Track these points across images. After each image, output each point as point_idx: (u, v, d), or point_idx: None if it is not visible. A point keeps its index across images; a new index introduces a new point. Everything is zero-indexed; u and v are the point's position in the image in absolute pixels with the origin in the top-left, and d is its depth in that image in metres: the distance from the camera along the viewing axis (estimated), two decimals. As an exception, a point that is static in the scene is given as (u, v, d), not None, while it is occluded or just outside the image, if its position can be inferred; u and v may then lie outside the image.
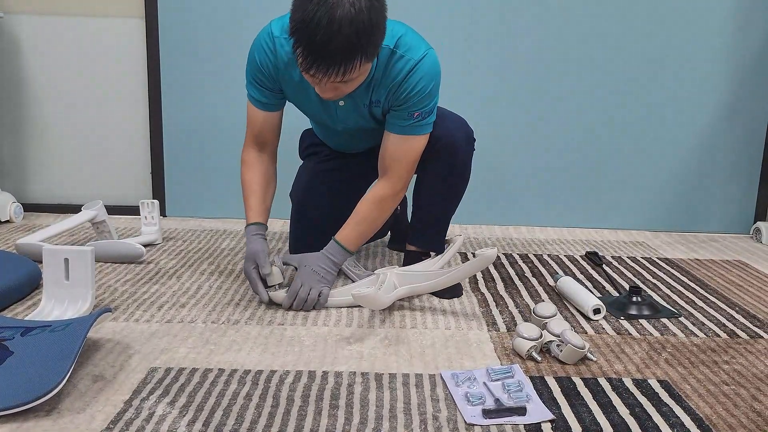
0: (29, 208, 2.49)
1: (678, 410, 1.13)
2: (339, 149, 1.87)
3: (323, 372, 1.23)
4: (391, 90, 1.52)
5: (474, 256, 1.53)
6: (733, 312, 1.63)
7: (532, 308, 1.52)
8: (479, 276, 1.86)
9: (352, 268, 1.75)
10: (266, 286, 1.58)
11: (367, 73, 1.45)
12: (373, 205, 1.62)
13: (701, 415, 1.12)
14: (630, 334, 1.47)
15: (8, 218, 2.34)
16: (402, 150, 1.58)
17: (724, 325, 1.55)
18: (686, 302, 1.70)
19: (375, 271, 1.61)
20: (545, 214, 2.50)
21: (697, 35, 2.38)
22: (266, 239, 1.63)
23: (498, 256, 2.07)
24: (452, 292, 1.66)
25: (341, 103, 1.58)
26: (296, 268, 1.62)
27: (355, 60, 1.33)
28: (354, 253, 1.68)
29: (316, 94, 1.54)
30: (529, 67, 2.40)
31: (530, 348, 1.31)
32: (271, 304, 1.58)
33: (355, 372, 1.24)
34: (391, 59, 1.50)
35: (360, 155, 1.85)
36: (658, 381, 1.24)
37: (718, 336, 1.48)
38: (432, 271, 1.59)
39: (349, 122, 1.64)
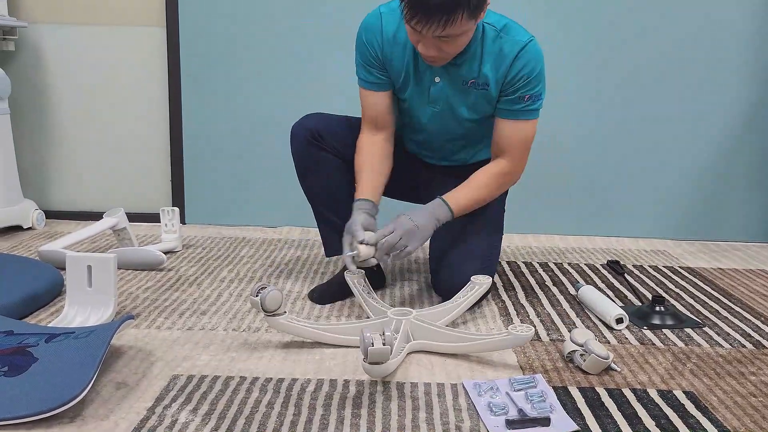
0: (51, 215, 2.51)
1: (705, 422, 1.12)
2: (413, 153, 1.81)
3: (344, 380, 1.23)
4: (501, 72, 1.52)
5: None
6: (758, 322, 1.61)
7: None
8: (499, 285, 1.84)
9: (364, 294, 1.57)
10: (355, 261, 1.51)
11: (470, 35, 1.45)
12: (492, 177, 1.60)
13: (729, 428, 1.10)
14: (654, 344, 1.45)
15: (31, 225, 2.36)
16: (515, 135, 1.58)
17: (749, 335, 1.52)
18: (710, 312, 1.67)
19: (388, 312, 1.43)
20: (565, 222, 2.49)
21: (720, 42, 2.36)
22: (371, 215, 1.55)
23: (517, 264, 2.06)
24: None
25: (437, 79, 1.57)
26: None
27: (458, 11, 1.34)
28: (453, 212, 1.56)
29: (415, 74, 1.57)
30: (549, 77, 2.38)
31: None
32: (292, 308, 1.58)
33: (376, 381, 1.23)
34: (497, 40, 1.52)
35: (428, 168, 1.80)
36: (684, 392, 1.22)
37: (744, 347, 1.45)
38: (453, 332, 1.38)
39: (439, 103, 1.60)
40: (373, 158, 1.64)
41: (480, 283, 1.56)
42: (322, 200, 1.71)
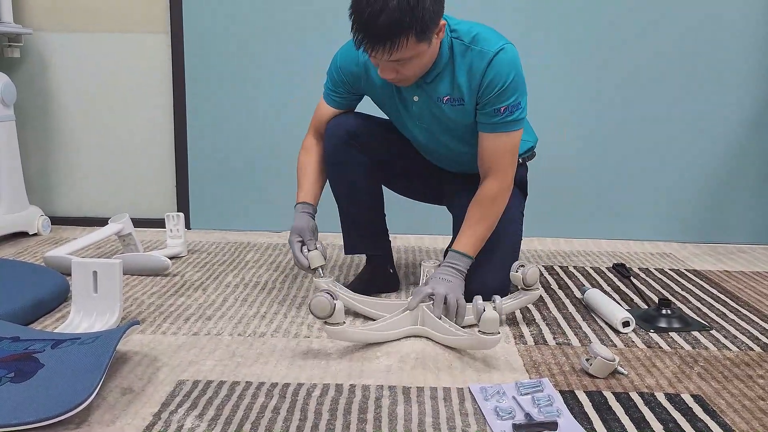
0: (56, 221, 2.52)
1: (713, 426, 1.11)
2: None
3: (350, 385, 1.23)
4: (473, 86, 1.51)
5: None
6: (766, 325, 1.60)
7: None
8: (505, 288, 1.84)
9: (348, 296, 1.60)
10: (308, 269, 1.59)
11: (428, 56, 1.44)
12: (485, 206, 1.57)
13: None
14: (660, 347, 1.44)
15: (36, 231, 2.37)
16: (498, 148, 1.55)
17: (757, 338, 1.51)
18: (717, 315, 1.67)
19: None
20: (570, 226, 2.48)
21: (725, 43, 2.35)
22: (314, 219, 1.64)
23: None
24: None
25: (415, 98, 1.57)
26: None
27: (402, 36, 1.34)
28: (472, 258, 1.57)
29: (398, 94, 1.59)
30: (552, 78, 2.39)
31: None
32: (297, 313, 1.58)
33: (382, 385, 1.23)
34: (467, 53, 1.49)
35: (451, 175, 1.80)
36: (692, 395, 1.22)
37: (752, 349, 1.45)
38: (444, 325, 1.44)
39: (424, 120, 1.61)
40: (317, 163, 1.70)
41: (527, 292, 1.59)
42: (348, 199, 1.72)
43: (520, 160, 1.73)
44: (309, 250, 1.59)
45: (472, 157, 1.65)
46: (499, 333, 1.33)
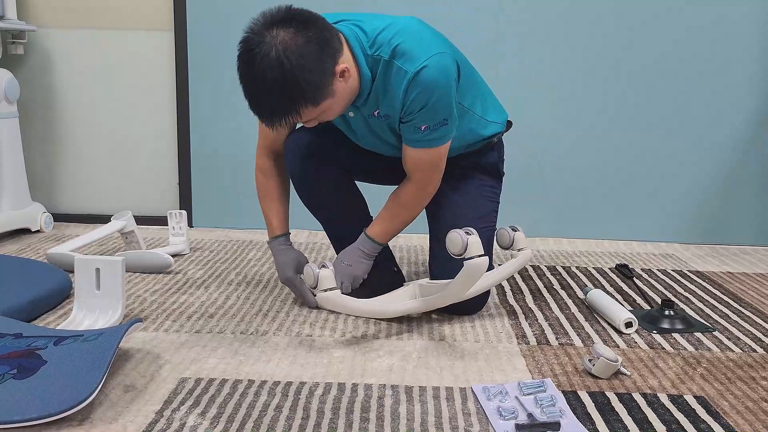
0: (59, 218, 2.52)
1: (717, 427, 1.11)
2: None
3: (353, 384, 1.23)
4: (397, 104, 1.44)
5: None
6: (769, 326, 1.60)
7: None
8: (507, 288, 1.84)
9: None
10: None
11: (337, 102, 1.39)
12: (398, 206, 1.59)
13: (741, 433, 1.09)
14: (663, 348, 1.44)
15: (39, 228, 2.37)
16: (420, 161, 1.53)
17: (760, 340, 1.51)
18: (720, 316, 1.66)
19: (405, 283, 1.60)
20: (573, 226, 2.48)
21: (728, 45, 2.35)
22: (291, 247, 1.66)
23: (526, 268, 2.05)
24: (474, 306, 1.61)
25: (351, 114, 1.55)
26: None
27: (292, 112, 1.34)
28: (383, 245, 1.62)
29: None
30: (556, 77, 2.39)
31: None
32: (299, 312, 1.58)
33: (385, 384, 1.23)
34: (389, 71, 1.42)
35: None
36: (695, 397, 1.22)
37: (755, 351, 1.44)
38: (437, 284, 1.53)
39: (365, 133, 1.60)
40: (280, 187, 1.68)
41: (517, 253, 1.62)
42: (325, 212, 1.71)
43: (488, 145, 1.69)
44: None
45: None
46: (485, 255, 1.37)
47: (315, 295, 1.48)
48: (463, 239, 1.36)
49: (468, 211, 1.63)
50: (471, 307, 1.61)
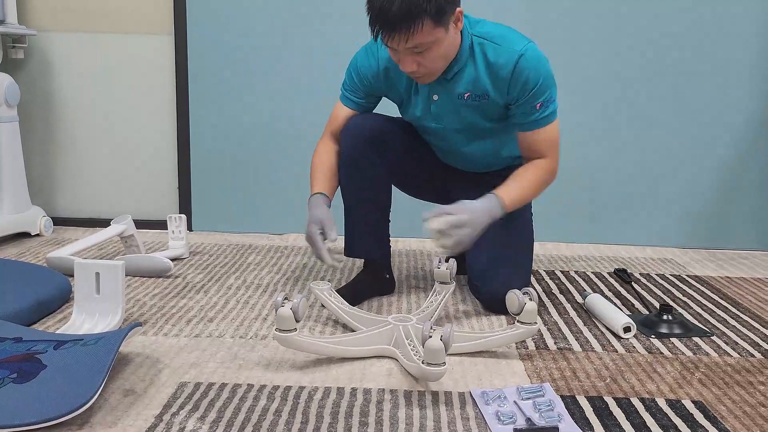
0: (59, 222, 2.52)
1: (714, 432, 1.11)
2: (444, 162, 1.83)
3: (352, 388, 1.23)
4: (501, 84, 1.53)
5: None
6: (766, 331, 1.60)
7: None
8: (506, 292, 1.84)
9: (338, 304, 1.55)
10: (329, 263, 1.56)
11: (447, 45, 1.45)
12: (536, 173, 1.59)
13: (738, 438, 1.10)
14: (661, 353, 1.45)
15: (38, 232, 2.37)
16: (541, 142, 1.58)
17: (758, 344, 1.52)
18: (718, 321, 1.67)
19: (389, 318, 1.43)
20: (571, 230, 2.48)
21: (727, 53, 2.36)
22: (327, 206, 1.62)
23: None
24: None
25: (435, 97, 1.59)
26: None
27: (418, 19, 1.36)
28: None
29: (417, 94, 1.61)
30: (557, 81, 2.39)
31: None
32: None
33: (384, 389, 1.23)
34: (489, 51, 1.52)
35: (459, 173, 1.81)
36: (693, 402, 1.22)
37: (753, 356, 1.45)
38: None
39: (443, 119, 1.63)
40: (331, 163, 1.69)
41: (445, 288, 1.60)
42: (358, 200, 1.71)
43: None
44: (333, 239, 1.52)
45: (484, 156, 1.71)
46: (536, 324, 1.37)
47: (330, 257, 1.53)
48: (521, 301, 1.38)
49: (513, 237, 1.68)
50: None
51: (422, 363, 1.18)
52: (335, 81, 2.39)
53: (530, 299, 1.38)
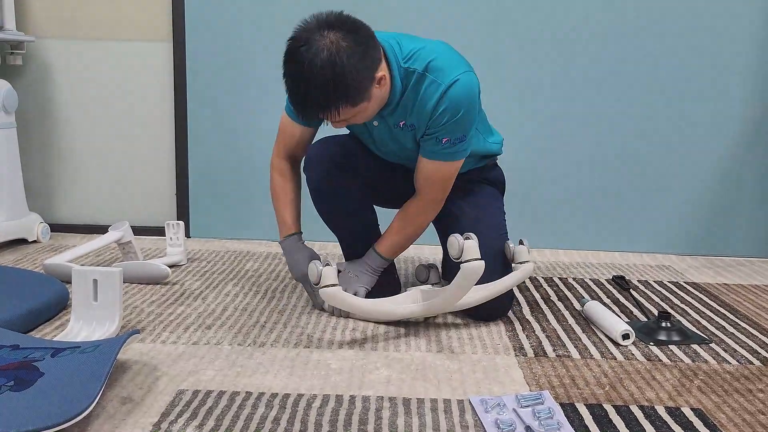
0: (56, 228, 2.51)
1: (714, 440, 1.11)
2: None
3: (350, 396, 1.22)
4: (424, 115, 1.52)
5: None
6: (765, 338, 1.60)
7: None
8: (504, 299, 1.84)
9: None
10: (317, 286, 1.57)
11: (370, 107, 1.46)
12: (408, 219, 1.66)
13: (738, 446, 1.09)
14: (660, 360, 1.44)
15: (35, 239, 2.37)
16: (433, 174, 1.59)
17: (756, 352, 1.52)
18: (716, 328, 1.67)
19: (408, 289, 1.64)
20: (569, 237, 2.48)
21: (726, 59, 2.37)
22: (304, 245, 1.70)
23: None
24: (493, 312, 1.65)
25: (375, 123, 1.60)
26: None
27: (333, 110, 1.39)
28: (390, 260, 1.71)
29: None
30: (552, 89, 2.40)
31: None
32: (297, 323, 1.58)
33: (382, 397, 1.23)
34: (421, 84, 1.50)
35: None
36: (692, 409, 1.22)
37: (751, 363, 1.45)
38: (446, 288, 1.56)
39: (386, 142, 1.65)
40: (295, 188, 1.72)
41: (519, 266, 1.66)
42: (340, 224, 1.75)
43: (491, 162, 1.81)
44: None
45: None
46: (481, 259, 1.44)
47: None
48: (460, 242, 1.44)
49: (484, 220, 1.68)
50: (495, 313, 1.66)
51: (462, 262, 1.42)
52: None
53: (469, 239, 1.45)
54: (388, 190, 1.79)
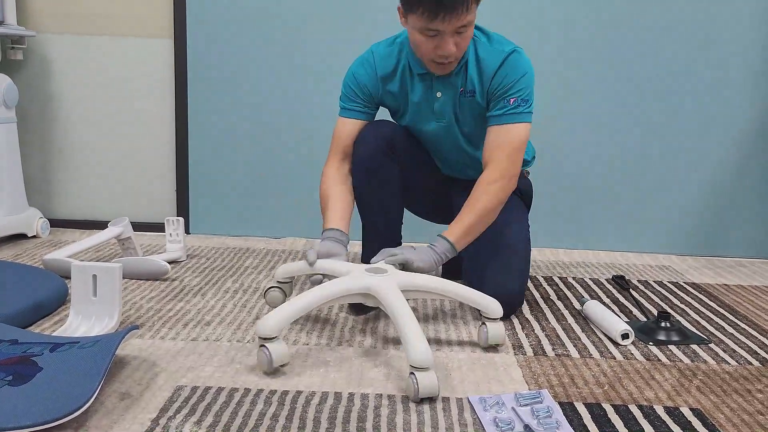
0: (56, 224, 2.51)
1: (712, 440, 1.11)
2: (446, 173, 1.89)
3: (349, 393, 1.22)
4: (484, 82, 1.59)
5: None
6: (764, 339, 1.60)
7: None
8: (504, 298, 1.84)
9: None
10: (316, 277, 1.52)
11: (471, 30, 1.51)
12: (479, 190, 1.57)
13: (736, 446, 1.09)
14: (659, 360, 1.44)
15: (35, 234, 2.37)
16: (501, 138, 1.59)
17: (756, 352, 1.51)
18: (716, 328, 1.67)
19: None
20: (569, 237, 2.48)
21: (727, 60, 2.36)
22: (341, 243, 1.56)
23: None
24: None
25: (439, 94, 1.63)
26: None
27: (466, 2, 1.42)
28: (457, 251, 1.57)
29: (414, 94, 1.65)
30: (552, 89, 2.40)
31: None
32: (296, 320, 1.58)
33: (381, 394, 1.23)
34: (481, 49, 1.60)
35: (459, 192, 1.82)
36: (691, 409, 1.22)
37: (750, 364, 1.45)
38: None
39: (445, 116, 1.67)
40: (343, 191, 1.66)
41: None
42: (375, 209, 1.73)
43: (523, 173, 1.83)
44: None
45: (473, 161, 1.74)
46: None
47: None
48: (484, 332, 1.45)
49: (515, 232, 1.72)
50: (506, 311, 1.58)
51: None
52: (333, 86, 2.40)
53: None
54: (421, 186, 1.82)
